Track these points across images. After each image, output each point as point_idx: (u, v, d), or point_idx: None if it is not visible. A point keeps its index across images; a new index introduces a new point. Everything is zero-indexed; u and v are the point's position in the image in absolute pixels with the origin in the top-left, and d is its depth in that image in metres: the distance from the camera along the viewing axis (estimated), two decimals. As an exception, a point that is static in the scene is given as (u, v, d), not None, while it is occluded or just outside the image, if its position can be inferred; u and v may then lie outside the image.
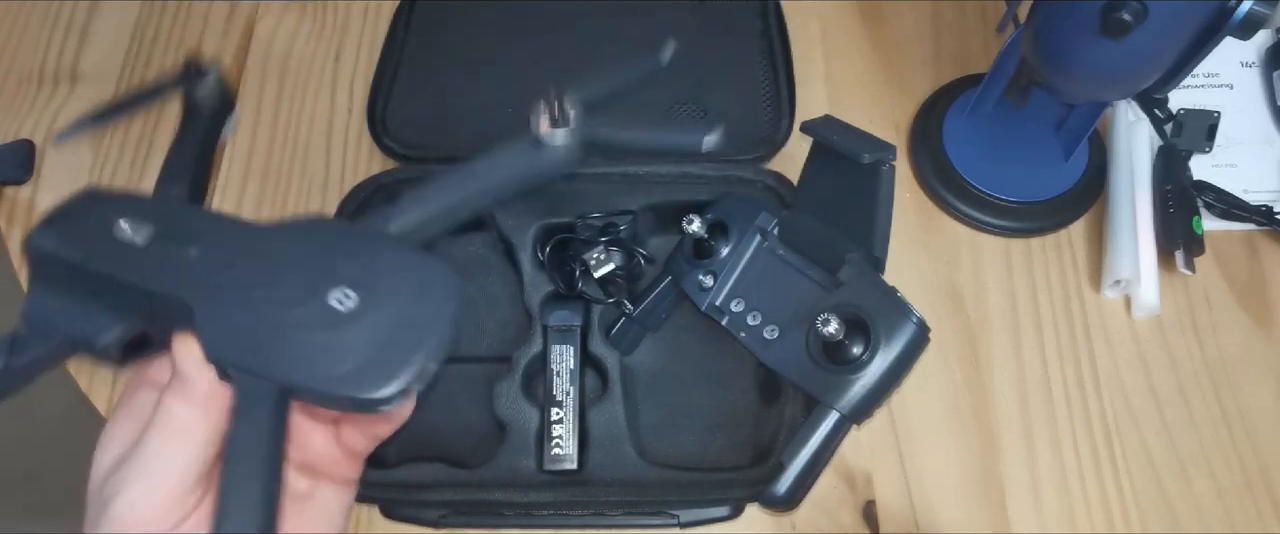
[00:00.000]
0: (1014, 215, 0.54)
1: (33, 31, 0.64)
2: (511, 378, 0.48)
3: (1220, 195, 0.54)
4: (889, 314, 0.40)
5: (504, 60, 0.60)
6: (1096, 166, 0.55)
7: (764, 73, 0.58)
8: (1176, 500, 0.48)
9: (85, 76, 0.62)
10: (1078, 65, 0.45)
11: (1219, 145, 0.57)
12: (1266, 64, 0.59)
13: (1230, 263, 0.54)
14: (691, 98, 0.58)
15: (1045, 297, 0.53)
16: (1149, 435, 0.49)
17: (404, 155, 0.56)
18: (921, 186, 0.57)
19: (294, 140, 0.59)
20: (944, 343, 0.51)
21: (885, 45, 0.62)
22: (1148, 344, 0.52)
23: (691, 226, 0.46)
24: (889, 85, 0.61)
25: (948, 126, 0.56)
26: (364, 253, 0.27)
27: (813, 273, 0.44)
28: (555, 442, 0.46)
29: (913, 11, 0.63)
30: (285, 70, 0.62)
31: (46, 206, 0.57)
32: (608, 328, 0.50)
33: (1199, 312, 0.53)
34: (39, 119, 0.60)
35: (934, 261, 0.54)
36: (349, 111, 0.60)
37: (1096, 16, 0.39)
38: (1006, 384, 0.51)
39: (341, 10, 0.64)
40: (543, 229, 0.51)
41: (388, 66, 0.59)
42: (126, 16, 0.64)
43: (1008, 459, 0.49)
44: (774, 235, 0.46)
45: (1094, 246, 0.55)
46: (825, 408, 0.40)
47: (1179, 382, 0.51)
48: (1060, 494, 0.48)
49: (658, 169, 0.53)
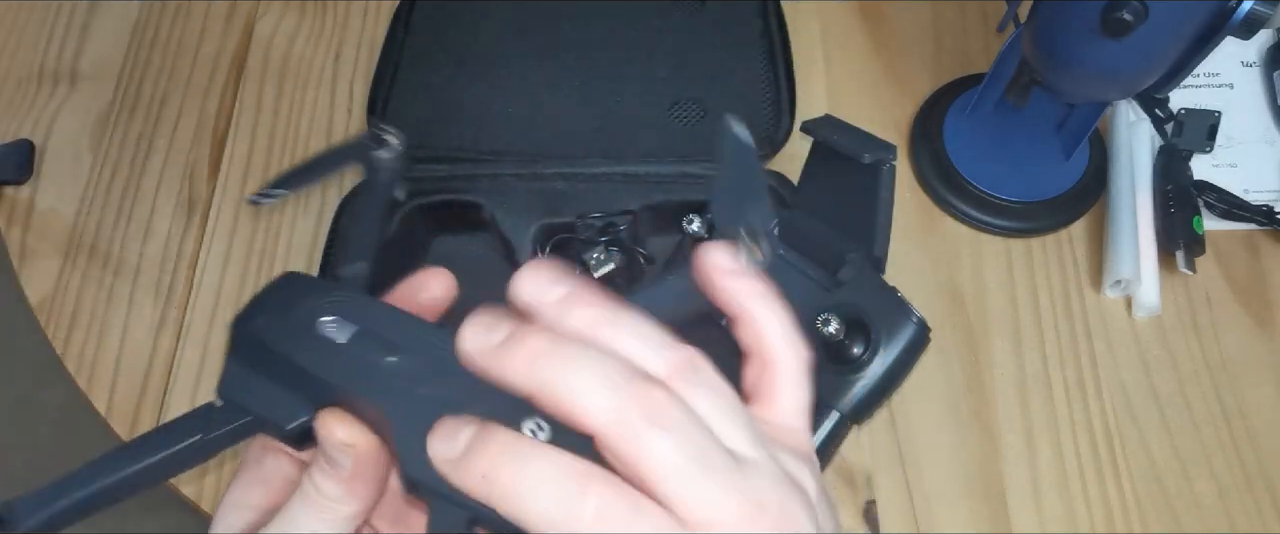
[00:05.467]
0: (1014, 215, 0.54)
1: (33, 31, 0.64)
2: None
3: (1221, 195, 0.54)
4: (889, 314, 0.40)
5: (504, 60, 0.60)
6: (1097, 166, 0.55)
7: (764, 73, 0.58)
8: (1177, 500, 0.48)
9: (85, 76, 0.62)
10: (1078, 65, 0.44)
11: (1219, 145, 0.57)
12: (1267, 64, 0.59)
13: (1231, 263, 0.54)
14: (691, 98, 0.58)
15: (1046, 297, 0.53)
16: (1149, 435, 0.49)
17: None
18: (921, 186, 0.57)
19: (294, 140, 0.59)
20: (944, 343, 0.51)
21: (885, 45, 0.62)
22: (1148, 344, 0.52)
23: (691, 226, 0.46)
24: (889, 85, 0.60)
25: (948, 126, 0.56)
26: None
27: (813, 273, 0.44)
28: (555, 442, 0.46)
29: (913, 11, 0.63)
30: (285, 70, 0.62)
31: (46, 207, 0.57)
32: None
33: (1200, 312, 0.53)
34: (39, 119, 0.60)
35: (934, 261, 0.54)
36: (349, 111, 0.60)
37: (1097, 16, 0.39)
38: (1007, 384, 0.51)
39: (341, 10, 0.64)
40: (543, 229, 0.51)
41: (388, 66, 0.59)
42: (126, 16, 0.64)
43: (1008, 459, 0.49)
44: (774, 235, 0.46)
45: (1094, 246, 0.55)
46: (825, 408, 0.40)
47: (1179, 382, 0.51)
48: (1061, 494, 0.48)
49: (658, 169, 0.53)
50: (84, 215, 0.57)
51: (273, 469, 0.28)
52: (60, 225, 0.57)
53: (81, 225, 0.57)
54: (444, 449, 0.22)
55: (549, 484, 0.21)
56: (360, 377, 0.25)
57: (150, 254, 0.56)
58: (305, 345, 0.26)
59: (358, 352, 0.25)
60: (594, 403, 0.21)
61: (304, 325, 0.26)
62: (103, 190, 0.58)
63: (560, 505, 0.20)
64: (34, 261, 0.56)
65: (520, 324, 0.23)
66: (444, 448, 0.22)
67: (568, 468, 0.21)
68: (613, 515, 0.20)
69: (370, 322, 0.26)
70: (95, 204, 0.57)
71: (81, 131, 0.60)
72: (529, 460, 0.21)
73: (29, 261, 0.56)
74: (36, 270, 0.55)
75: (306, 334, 0.26)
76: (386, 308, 0.27)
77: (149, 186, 0.58)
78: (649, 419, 0.21)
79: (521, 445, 0.22)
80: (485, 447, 0.22)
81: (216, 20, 0.64)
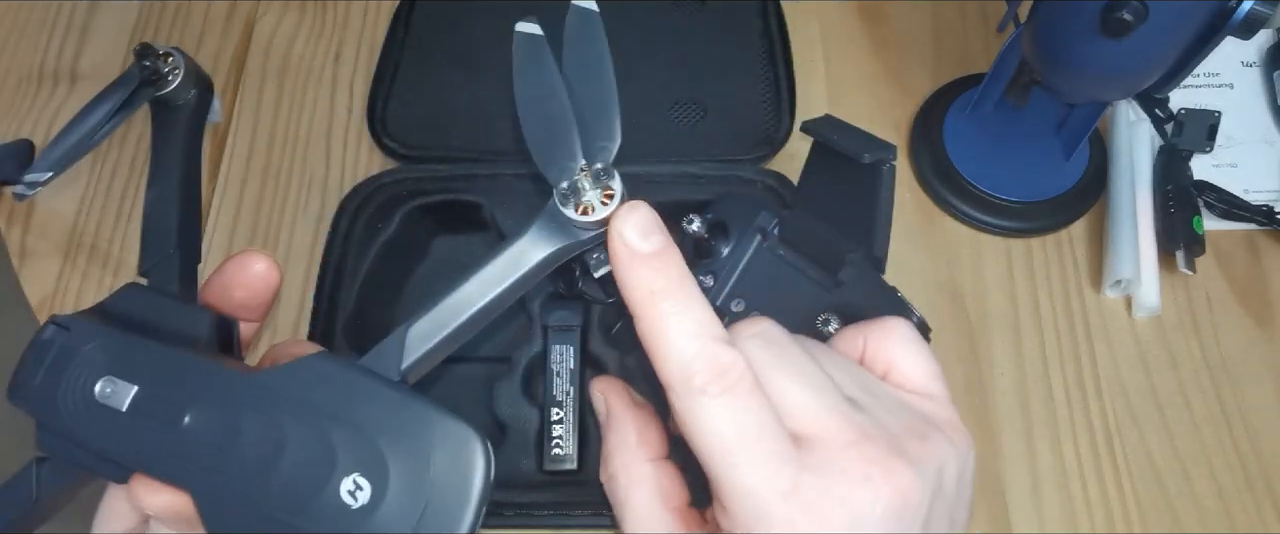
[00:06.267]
0: (1014, 215, 0.54)
1: (32, 31, 0.64)
2: (511, 378, 0.48)
3: (1221, 195, 0.54)
4: (889, 314, 0.40)
5: (504, 60, 0.59)
6: (1097, 166, 0.55)
7: (764, 73, 0.58)
8: (1177, 500, 0.48)
9: (85, 76, 0.62)
10: (1078, 65, 0.44)
11: (1220, 145, 0.57)
12: (1267, 64, 0.59)
13: (1231, 263, 0.54)
14: (691, 98, 0.58)
15: (1046, 296, 0.53)
16: (1149, 435, 0.49)
17: (404, 155, 0.56)
18: (921, 186, 0.57)
19: (294, 140, 0.59)
20: (944, 343, 0.51)
21: (885, 45, 0.62)
22: (1148, 344, 0.52)
23: (691, 226, 0.46)
24: (889, 85, 0.60)
25: (948, 126, 0.56)
26: (370, 419, 0.23)
27: (813, 273, 0.44)
28: (555, 442, 0.46)
29: (913, 11, 0.63)
30: (285, 70, 0.62)
31: (46, 207, 0.57)
32: (608, 328, 0.50)
33: (1200, 311, 0.53)
34: (39, 119, 0.60)
35: (934, 261, 0.54)
36: (349, 111, 0.60)
37: (1097, 16, 0.39)
38: (1007, 384, 0.51)
39: (341, 10, 0.64)
40: (543, 229, 0.51)
41: (388, 66, 0.59)
42: (126, 16, 0.64)
43: (1008, 459, 0.49)
44: (774, 235, 0.46)
45: (1094, 246, 0.55)
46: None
47: (1180, 382, 0.51)
48: (1061, 494, 0.48)
49: (658, 169, 0.53)
50: (84, 215, 0.57)
51: (124, 514, 0.27)
52: (60, 225, 0.57)
53: (81, 225, 0.57)
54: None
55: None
56: (152, 456, 0.24)
57: (150, 254, 0.56)
58: (88, 421, 0.24)
59: (143, 423, 0.24)
60: (681, 348, 0.24)
61: (80, 394, 0.24)
62: (103, 190, 0.58)
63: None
64: (34, 262, 0.56)
65: (668, 243, 0.26)
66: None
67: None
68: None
69: (149, 376, 0.24)
70: (95, 204, 0.57)
71: (81, 131, 0.60)
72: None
73: (29, 262, 0.56)
74: (36, 270, 0.56)
75: (84, 405, 0.24)
76: (161, 352, 0.25)
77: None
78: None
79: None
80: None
81: (216, 20, 0.64)
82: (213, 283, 0.28)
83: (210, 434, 0.23)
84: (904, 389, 0.28)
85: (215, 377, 0.24)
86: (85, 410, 0.24)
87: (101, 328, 0.25)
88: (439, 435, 0.24)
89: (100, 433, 0.24)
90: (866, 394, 0.26)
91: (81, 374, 0.24)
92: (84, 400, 0.24)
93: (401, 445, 0.23)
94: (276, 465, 0.23)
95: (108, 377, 0.24)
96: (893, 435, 0.25)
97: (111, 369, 0.24)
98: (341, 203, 0.53)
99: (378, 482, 0.22)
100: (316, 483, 0.22)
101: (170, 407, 0.24)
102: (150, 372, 0.24)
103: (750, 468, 0.23)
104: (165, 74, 0.32)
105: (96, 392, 0.24)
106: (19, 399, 0.25)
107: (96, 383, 0.24)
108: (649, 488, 0.27)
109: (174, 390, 0.24)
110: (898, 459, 0.24)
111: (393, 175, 0.54)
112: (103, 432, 0.24)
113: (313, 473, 0.23)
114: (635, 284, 0.25)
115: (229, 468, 0.23)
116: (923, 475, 0.24)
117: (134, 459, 0.24)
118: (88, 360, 0.24)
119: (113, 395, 0.24)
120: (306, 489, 0.23)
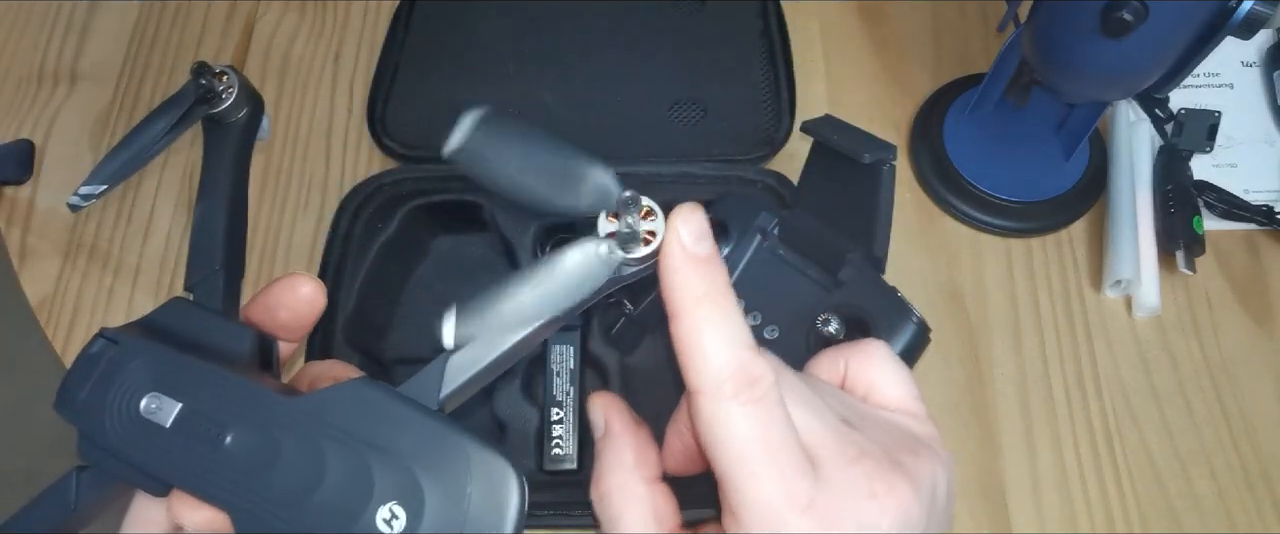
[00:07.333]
0: (1014, 215, 0.54)
1: (32, 31, 0.64)
2: (511, 378, 0.48)
3: (1221, 195, 0.54)
4: (889, 314, 0.40)
5: (504, 60, 0.60)
6: (1097, 166, 0.55)
7: (764, 73, 0.58)
8: (1177, 500, 0.48)
9: (85, 76, 0.62)
10: (1078, 65, 0.44)
11: (1220, 145, 0.57)
12: (1267, 64, 0.59)
13: (1231, 263, 0.54)
14: (691, 98, 0.58)
15: (1045, 296, 0.53)
16: (1149, 435, 0.49)
17: (404, 155, 0.56)
18: (921, 186, 0.57)
19: (294, 140, 0.59)
20: (944, 343, 0.51)
21: (885, 45, 0.62)
22: (1148, 344, 0.52)
23: (692, 226, 0.46)
24: (889, 85, 0.60)
25: (948, 126, 0.56)
26: (409, 448, 0.23)
27: (813, 273, 0.44)
28: (555, 442, 0.46)
29: (913, 11, 0.63)
30: (285, 70, 0.62)
31: (46, 207, 0.57)
32: (608, 328, 0.50)
33: (1200, 311, 0.53)
34: (39, 119, 0.60)
35: (934, 261, 0.54)
36: (349, 111, 0.60)
37: (1097, 16, 0.39)
38: (1007, 384, 0.51)
39: (341, 10, 0.64)
40: (543, 229, 0.51)
41: (388, 66, 0.59)
42: (126, 16, 0.64)
43: (1008, 459, 0.49)
44: (774, 235, 0.46)
45: (1094, 246, 0.55)
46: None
47: (1179, 382, 0.51)
48: (1061, 494, 0.48)
49: (658, 169, 0.53)
50: (84, 215, 0.57)
51: (155, 522, 0.27)
52: (60, 225, 0.57)
53: (81, 225, 0.57)
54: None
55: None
56: (194, 474, 0.24)
57: (150, 254, 0.56)
58: (132, 436, 0.24)
59: (186, 441, 0.24)
60: (717, 355, 0.25)
61: (125, 409, 0.24)
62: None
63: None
64: (34, 262, 0.56)
65: (716, 250, 0.26)
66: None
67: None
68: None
69: (193, 394, 0.25)
70: (95, 205, 0.57)
71: (81, 131, 0.60)
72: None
73: (29, 262, 0.56)
74: (36, 270, 0.56)
75: (131, 421, 0.24)
76: (206, 370, 0.25)
77: (149, 187, 0.58)
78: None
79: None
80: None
81: (216, 20, 0.64)
82: (257, 302, 0.28)
83: (251, 455, 0.24)
84: (887, 409, 0.29)
85: (258, 398, 0.24)
86: (130, 425, 0.24)
87: (149, 344, 0.26)
88: (476, 467, 0.24)
89: (143, 448, 0.24)
90: (856, 415, 0.27)
91: (128, 389, 0.25)
92: (129, 415, 0.24)
93: (438, 476, 0.23)
94: (315, 490, 0.23)
95: (153, 393, 0.24)
96: (889, 453, 0.26)
97: (157, 385, 0.25)
98: (341, 203, 0.53)
99: (413, 511, 0.23)
100: (353, 510, 0.23)
101: (213, 426, 0.24)
102: (195, 390, 0.25)
103: (769, 479, 0.23)
104: (220, 92, 0.33)
105: (142, 407, 0.24)
106: (66, 410, 0.25)
107: (142, 399, 0.24)
108: (644, 508, 0.27)
109: (217, 410, 0.24)
110: (898, 475, 0.25)
111: (393, 175, 0.54)
112: (145, 447, 0.24)
113: (350, 499, 0.23)
114: (681, 285, 0.25)
115: (268, 490, 0.23)
116: (919, 490, 0.25)
117: (175, 476, 0.24)
118: (134, 376, 0.25)
119: (158, 412, 0.24)
120: (343, 515, 0.23)
